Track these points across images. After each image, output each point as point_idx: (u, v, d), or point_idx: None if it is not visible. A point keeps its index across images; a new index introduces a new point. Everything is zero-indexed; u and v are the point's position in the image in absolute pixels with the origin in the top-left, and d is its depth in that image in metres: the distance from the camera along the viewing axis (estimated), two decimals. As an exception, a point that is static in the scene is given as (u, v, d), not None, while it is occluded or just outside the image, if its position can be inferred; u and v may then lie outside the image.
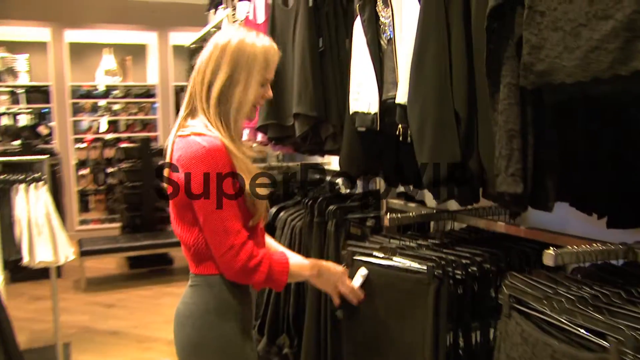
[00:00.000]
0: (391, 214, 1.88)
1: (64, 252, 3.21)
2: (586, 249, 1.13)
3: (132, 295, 5.13)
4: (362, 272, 1.69)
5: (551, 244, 1.52)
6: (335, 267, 1.71)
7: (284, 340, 2.49)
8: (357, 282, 1.69)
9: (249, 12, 2.82)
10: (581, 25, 1.02)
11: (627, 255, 1.17)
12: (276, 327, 2.58)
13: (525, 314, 1.20)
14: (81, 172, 7.54)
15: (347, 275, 1.70)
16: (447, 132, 1.40)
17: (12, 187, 3.17)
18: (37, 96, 7.14)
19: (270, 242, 1.78)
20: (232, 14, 3.10)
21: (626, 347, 0.95)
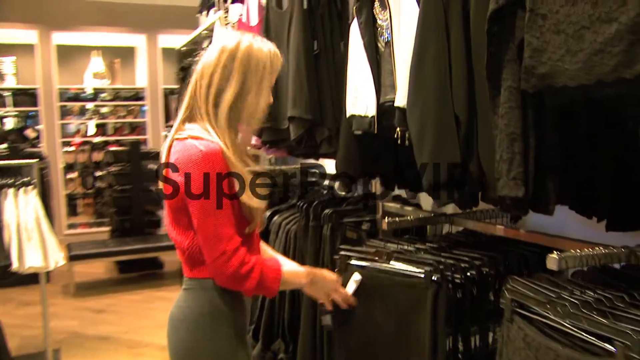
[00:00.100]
0: (388, 217, 1.87)
1: (54, 257, 3.16)
2: (589, 252, 1.13)
3: (122, 300, 5.08)
4: (356, 277, 1.67)
5: (549, 247, 1.53)
6: (329, 275, 1.70)
7: (279, 345, 2.46)
8: (351, 289, 1.67)
9: (242, 15, 2.80)
10: (584, 28, 1.01)
11: (629, 258, 1.17)
12: (271, 332, 2.55)
13: (527, 318, 1.20)
14: (69, 175, 7.46)
15: (340, 281, 1.69)
16: (447, 136, 1.40)
17: (0, 192, 3.12)
18: (24, 99, 7.06)
19: (265, 249, 1.77)
20: (224, 17, 3.08)
21: (633, 352, 0.94)
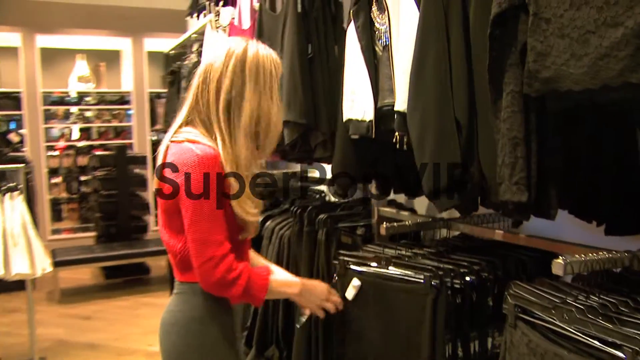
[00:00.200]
0: (385, 222, 1.85)
1: (40, 263, 3.11)
2: (594, 257, 1.12)
3: (108, 306, 5.01)
4: (355, 283, 1.66)
5: (547, 252, 1.52)
6: (320, 285, 1.69)
7: (273, 352, 2.43)
8: (350, 294, 1.66)
9: (234, 18, 2.78)
10: (589, 32, 1.01)
11: (632, 262, 1.17)
12: (265, 338, 2.52)
13: (531, 323, 1.19)
14: (53, 180, 7.35)
15: (335, 288, 1.68)
16: (448, 140, 1.38)
17: (-15, 197, 3.06)
18: (7, 102, 6.94)
19: (256, 257, 1.77)
20: (215, 20, 3.05)
21: (642, 358, 0.94)
